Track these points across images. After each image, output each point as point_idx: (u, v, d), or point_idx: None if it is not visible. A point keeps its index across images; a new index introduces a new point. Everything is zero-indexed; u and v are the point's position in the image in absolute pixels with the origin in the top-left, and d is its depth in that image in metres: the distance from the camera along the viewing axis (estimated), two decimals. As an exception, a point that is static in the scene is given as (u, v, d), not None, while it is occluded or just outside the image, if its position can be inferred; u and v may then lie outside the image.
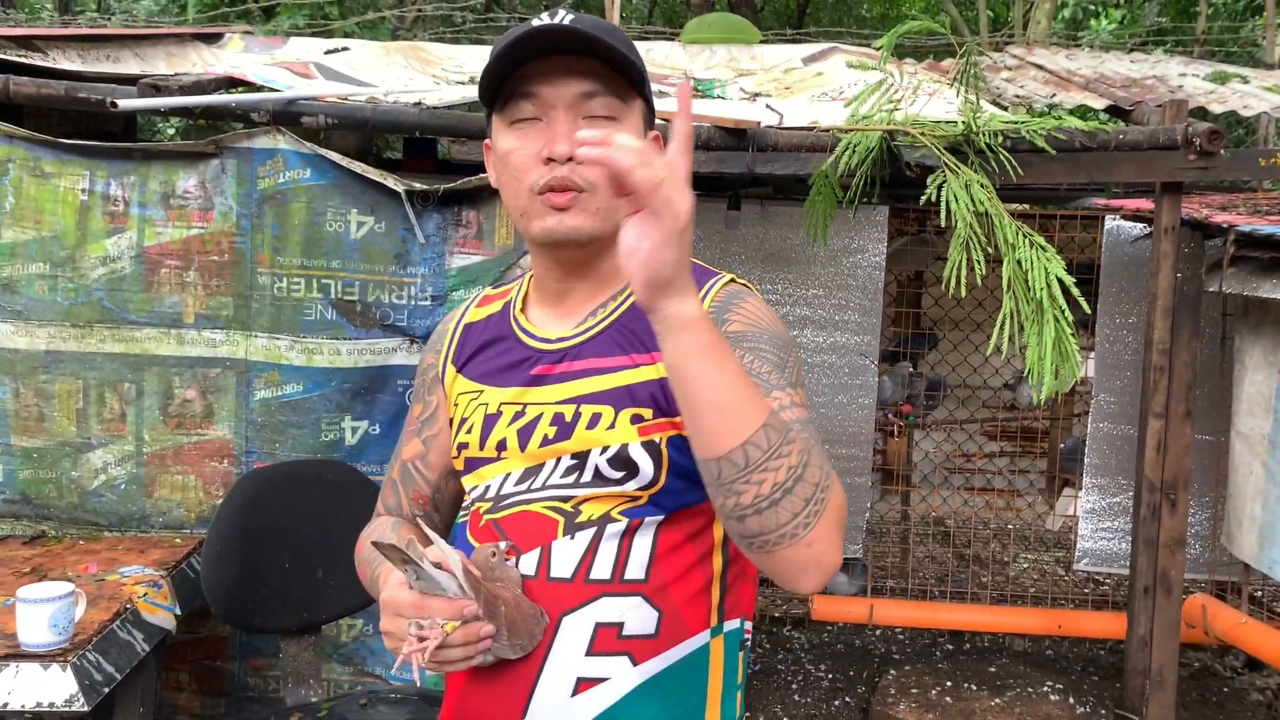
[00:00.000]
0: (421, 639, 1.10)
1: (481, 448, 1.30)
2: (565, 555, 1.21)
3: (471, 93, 3.39)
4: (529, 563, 1.22)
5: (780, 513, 1.01)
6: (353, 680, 3.00)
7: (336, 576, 2.58)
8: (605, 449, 1.21)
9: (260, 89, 3.06)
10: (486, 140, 1.31)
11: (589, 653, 1.19)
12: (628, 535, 1.21)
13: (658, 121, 1.37)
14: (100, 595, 2.39)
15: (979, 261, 2.85)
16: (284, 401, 2.90)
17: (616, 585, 1.20)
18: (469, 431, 1.31)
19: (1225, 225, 3.50)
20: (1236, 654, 4.49)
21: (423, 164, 4.54)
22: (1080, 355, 2.87)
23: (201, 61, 3.94)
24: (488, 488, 1.30)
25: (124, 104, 2.80)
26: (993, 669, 4.18)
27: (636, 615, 1.19)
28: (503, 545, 1.21)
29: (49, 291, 2.86)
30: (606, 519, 1.21)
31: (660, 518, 1.21)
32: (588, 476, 1.22)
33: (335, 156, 2.88)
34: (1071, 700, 3.87)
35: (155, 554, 2.73)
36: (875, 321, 4.47)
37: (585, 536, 1.21)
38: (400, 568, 1.11)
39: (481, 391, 1.33)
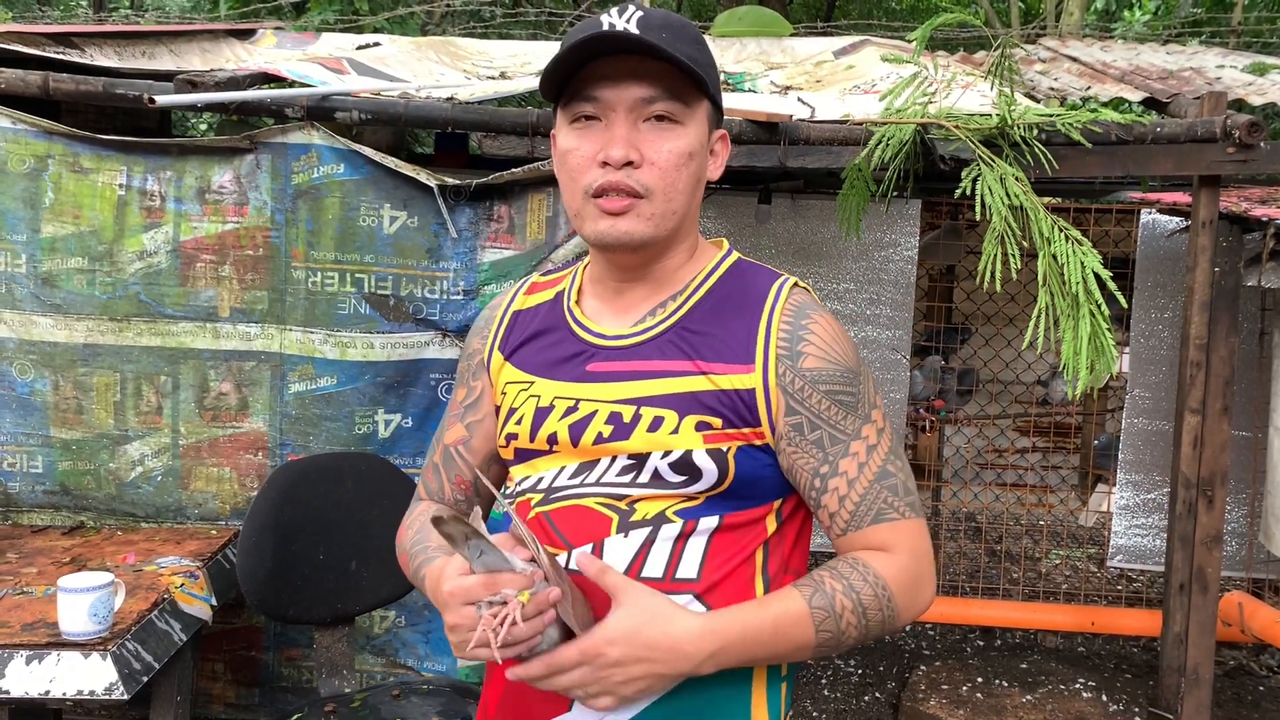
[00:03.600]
0: (496, 616, 1.07)
1: (531, 440, 1.30)
2: (618, 552, 1.22)
3: (503, 88, 3.40)
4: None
5: (874, 636, 1.24)
6: (385, 671, 3.02)
7: (369, 568, 2.60)
8: (668, 453, 1.21)
9: (294, 84, 3.08)
10: (553, 131, 1.31)
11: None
12: (682, 537, 1.22)
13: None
14: (138, 585, 2.42)
15: (1014, 255, 2.82)
16: (318, 394, 2.93)
17: (668, 584, 1.21)
18: (518, 423, 1.31)
19: (1265, 219, 3.45)
20: (1273, 652, 4.44)
21: (454, 159, 4.55)
22: (1115, 350, 2.84)
23: (235, 57, 3.97)
24: (540, 479, 1.30)
25: (161, 100, 2.82)
26: (1024, 665, 4.15)
27: None
28: (561, 558, 1.22)
29: (87, 285, 2.90)
30: (661, 519, 1.23)
31: (715, 520, 1.22)
32: (645, 478, 1.23)
33: (368, 152, 2.89)
34: (1104, 698, 3.84)
35: (191, 545, 2.76)
36: (907, 316, 4.44)
37: (639, 535, 1.22)
38: (463, 546, 1.09)
39: (532, 383, 1.33)
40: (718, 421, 1.22)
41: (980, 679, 3.98)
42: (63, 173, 2.87)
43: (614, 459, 1.24)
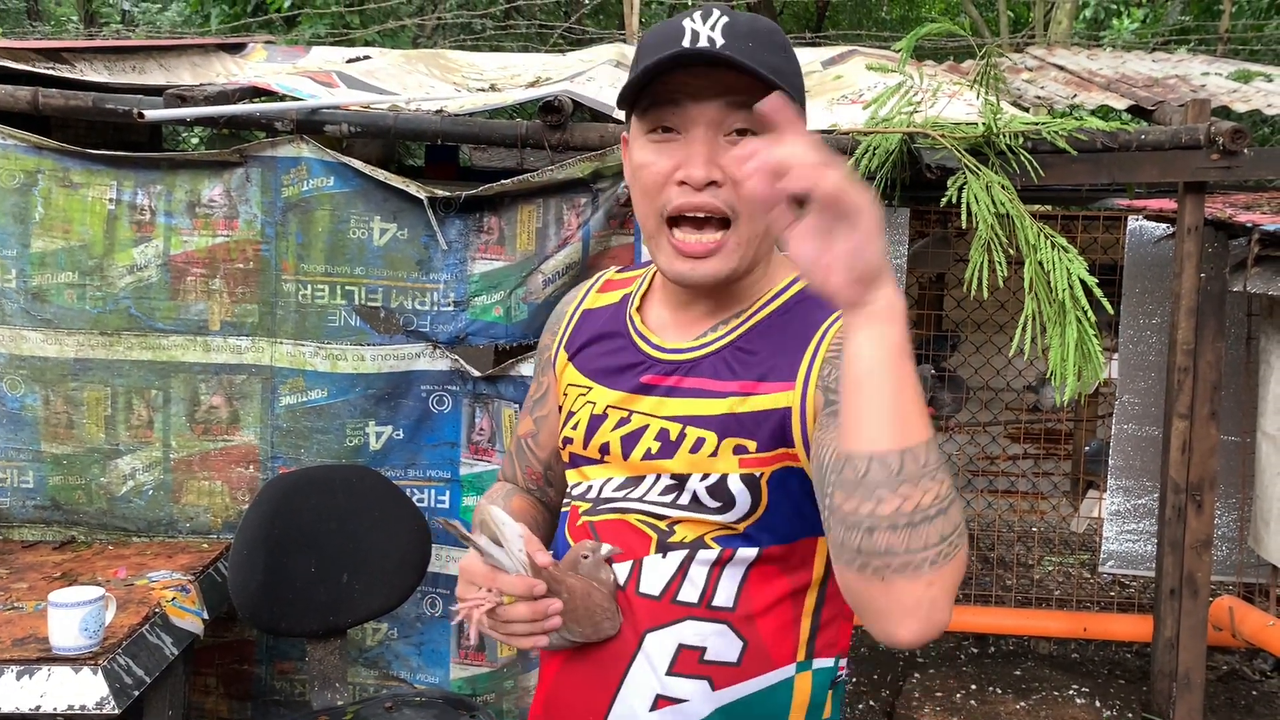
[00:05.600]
0: (480, 603, 1.15)
1: (585, 447, 1.28)
2: (655, 573, 1.20)
3: (493, 100, 3.41)
4: (620, 573, 1.22)
5: (914, 537, 0.93)
6: (378, 684, 3.02)
7: (361, 580, 2.61)
8: (705, 476, 1.18)
9: (284, 98, 3.09)
10: (625, 134, 1.25)
11: (669, 671, 1.18)
12: (719, 564, 1.19)
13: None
14: (129, 600, 2.42)
15: (1000, 263, 2.84)
16: (309, 407, 2.93)
17: (703, 610, 1.18)
18: (574, 428, 1.30)
19: (1249, 225, 3.48)
20: (1265, 657, 4.45)
21: (444, 171, 4.57)
22: (1104, 356, 2.86)
23: (225, 71, 3.99)
24: (590, 487, 1.29)
25: (151, 115, 2.83)
26: (1018, 672, 4.16)
27: (720, 642, 1.18)
28: (605, 550, 1.21)
29: (78, 300, 2.90)
30: (699, 544, 1.19)
31: (754, 551, 1.18)
32: (685, 500, 1.20)
33: (358, 164, 2.90)
34: (1098, 703, 3.84)
35: (183, 559, 2.76)
36: (897, 324, 4.45)
37: (676, 558, 1.20)
38: (465, 542, 1.16)
39: (590, 389, 1.30)
40: (753, 444, 1.16)
41: (974, 686, 3.99)
42: (52, 188, 2.88)
43: (658, 477, 1.22)
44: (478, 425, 2.98)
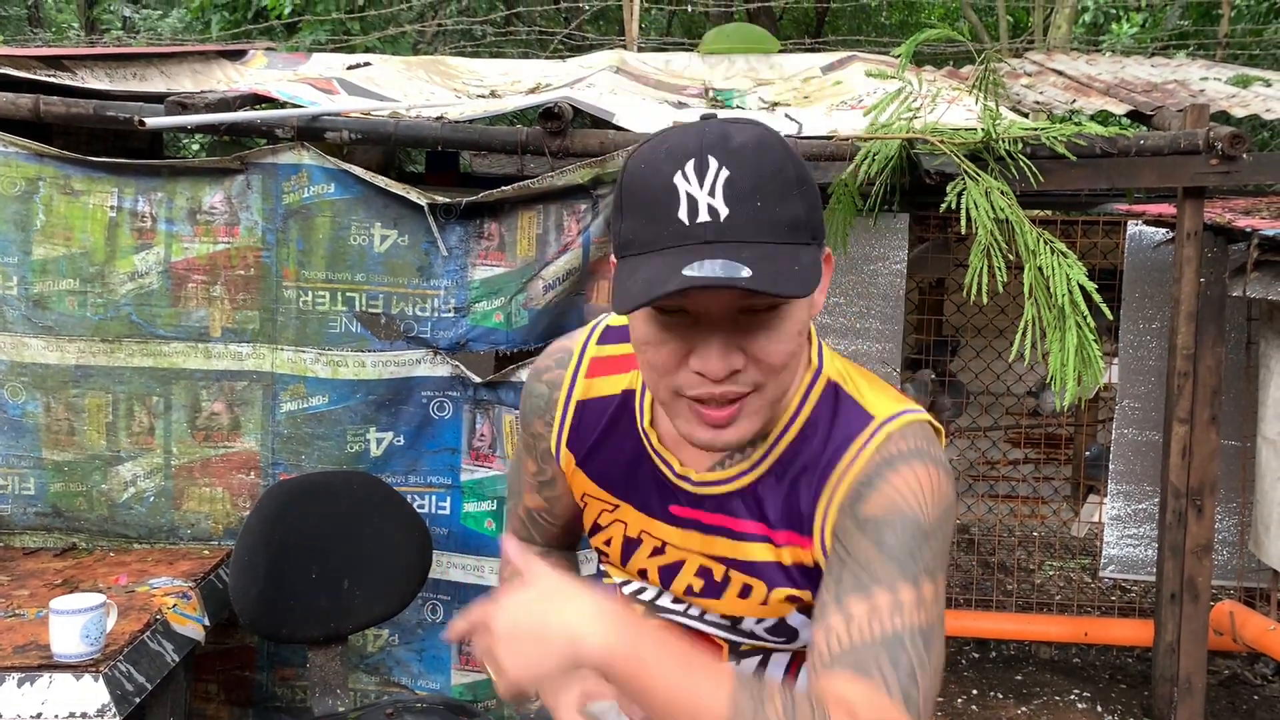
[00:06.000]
0: None
1: (623, 567, 1.22)
2: None
3: (493, 106, 3.42)
4: None
5: None
6: (379, 690, 3.02)
7: (362, 587, 2.61)
8: (761, 620, 1.15)
9: (284, 105, 3.10)
10: (612, 259, 1.07)
11: None
12: (795, 663, 1.19)
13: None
14: (130, 606, 2.42)
15: (1000, 268, 2.85)
16: (310, 413, 2.93)
17: None
18: (607, 544, 1.23)
19: (1249, 230, 3.48)
20: (1266, 661, 4.45)
21: (445, 177, 4.58)
22: (1104, 361, 2.86)
23: (226, 78, 4.00)
24: (643, 591, 1.24)
25: (152, 122, 2.84)
26: (1019, 677, 4.16)
27: None
28: None
29: (79, 307, 2.90)
30: (771, 651, 1.20)
31: None
32: (743, 633, 1.18)
33: (359, 171, 2.91)
34: (1099, 708, 3.84)
35: (184, 565, 2.76)
36: (897, 329, 4.46)
37: (750, 663, 1.20)
38: None
39: (617, 507, 1.21)
40: (807, 594, 1.12)
41: (975, 691, 3.99)
42: (54, 195, 2.89)
43: (705, 610, 1.18)
44: (478, 431, 2.98)
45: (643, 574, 1.20)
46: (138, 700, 2.16)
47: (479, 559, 2.95)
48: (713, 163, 0.97)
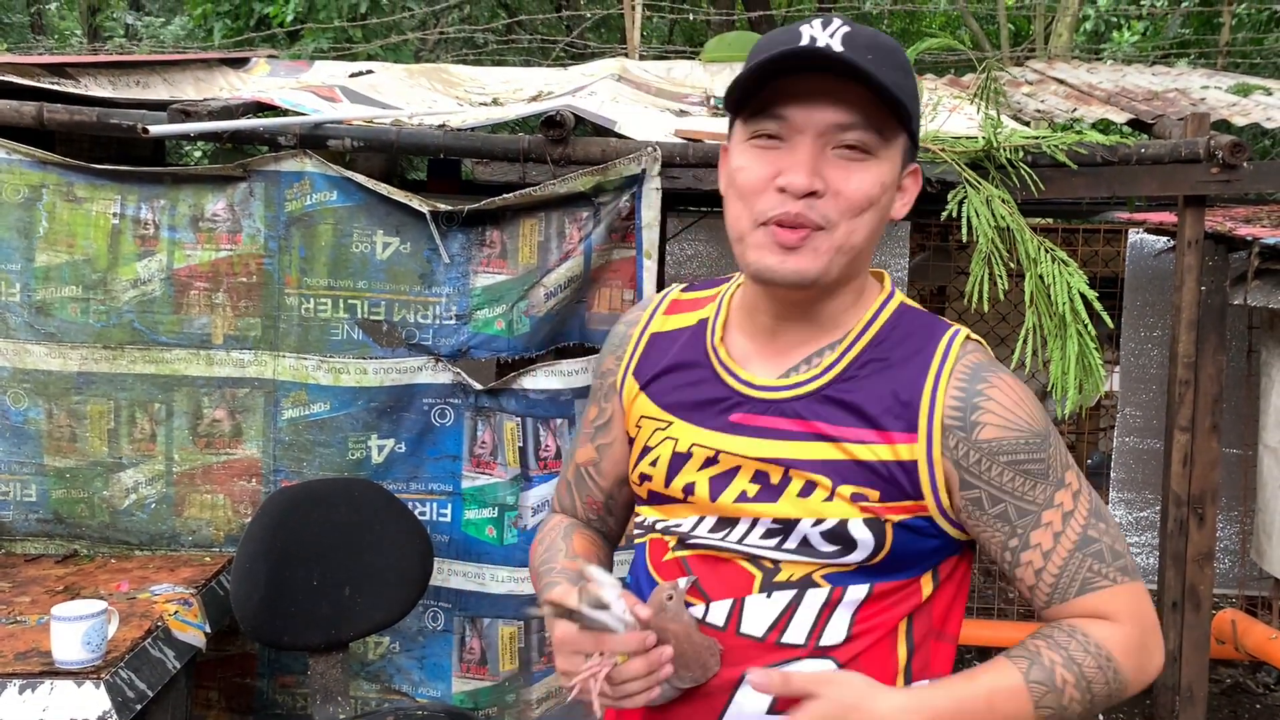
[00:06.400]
0: (594, 671, 1.08)
1: (666, 486, 1.21)
2: (759, 613, 1.15)
3: (495, 114, 3.43)
4: (718, 612, 1.16)
5: (1099, 709, 1.13)
6: (380, 697, 3.02)
7: (363, 594, 2.61)
8: (820, 521, 1.12)
9: (287, 113, 3.11)
10: (724, 144, 1.18)
11: (770, 710, 1.13)
12: (829, 605, 1.15)
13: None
14: (132, 613, 2.43)
15: (1001, 276, 2.85)
16: (311, 420, 2.94)
17: (810, 650, 1.14)
18: (653, 464, 1.23)
19: (1250, 238, 3.49)
20: (1268, 670, 4.44)
21: (447, 185, 4.58)
22: (1105, 369, 2.86)
23: (229, 86, 4.01)
24: (678, 525, 1.21)
25: (155, 130, 2.85)
26: (1020, 686, 4.15)
27: None
28: (682, 584, 1.15)
29: (81, 314, 2.91)
30: (808, 582, 1.15)
31: (866, 588, 1.14)
32: (793, 543, 1.14)
33: (361, 178, 2.92)
34: (1100, 717, 3.84)
35: (185, 572, 2.76)
36: (898, 337, 4.46)
37: (783, 597, 1.15)
38: (566, 619, 1.09)
39: (671, 424, 1.22)
40: (875, 494, 1.12)
41: (976, 699, 3.98)
42: (57, 202, 2.89)
43: (756, 520, 1.15)
44: (479, 438, 2.98)
45: (688, 490, 1.19)
46: (139, 707, 2.16)
47: (480, 566, 2.95)
48: (837, 21, 1.08)
